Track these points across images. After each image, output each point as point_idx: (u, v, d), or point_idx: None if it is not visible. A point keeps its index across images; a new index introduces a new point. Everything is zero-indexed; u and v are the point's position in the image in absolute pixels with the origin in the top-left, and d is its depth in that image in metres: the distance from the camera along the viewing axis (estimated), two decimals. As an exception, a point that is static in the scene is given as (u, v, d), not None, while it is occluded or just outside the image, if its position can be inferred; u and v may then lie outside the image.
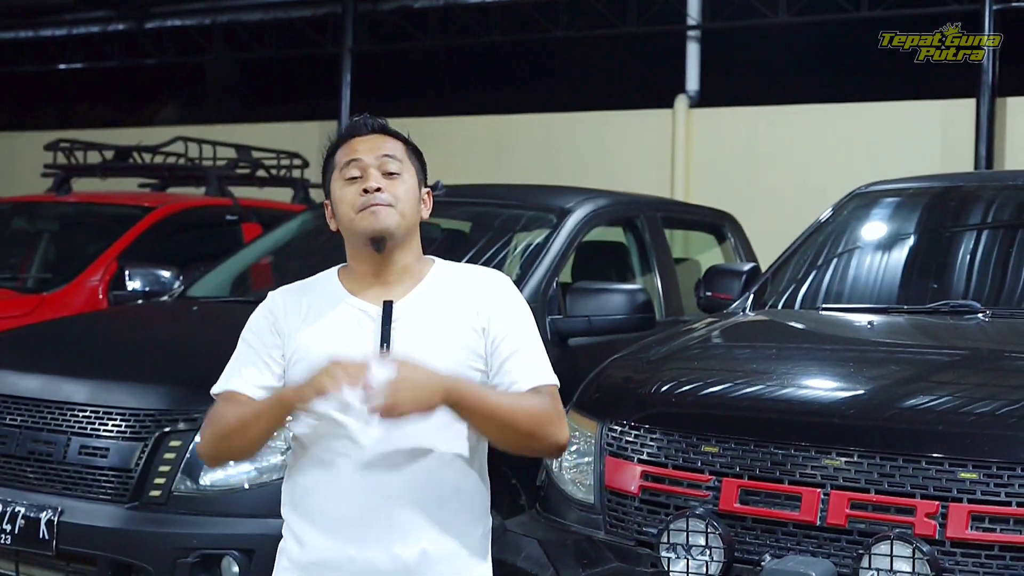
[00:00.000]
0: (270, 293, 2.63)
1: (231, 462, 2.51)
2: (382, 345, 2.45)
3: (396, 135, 2.59)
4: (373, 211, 2.47)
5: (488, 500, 2.62)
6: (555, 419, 2.50)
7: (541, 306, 4.88)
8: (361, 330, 2.49)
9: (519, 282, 4.78)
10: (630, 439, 3.48)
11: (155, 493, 3.96)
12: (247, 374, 2.53)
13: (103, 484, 4.04)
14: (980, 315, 4.08)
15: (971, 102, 9.01)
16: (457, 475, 2.51)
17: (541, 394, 2.50)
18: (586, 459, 3.61)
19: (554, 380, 2.55)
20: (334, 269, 2.64)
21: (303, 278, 2.66)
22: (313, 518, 2.50)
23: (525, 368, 2.50)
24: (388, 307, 2.49)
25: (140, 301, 5.83)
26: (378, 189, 2.48)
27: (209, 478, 3.96)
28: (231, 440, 2.49)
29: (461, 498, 2.52)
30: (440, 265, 2.63)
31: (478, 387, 2.46)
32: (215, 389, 2.56)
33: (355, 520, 2.45)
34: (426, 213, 2.61)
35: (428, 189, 2.63)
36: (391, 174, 2.51)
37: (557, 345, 4.85)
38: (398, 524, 2.45)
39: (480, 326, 2.51)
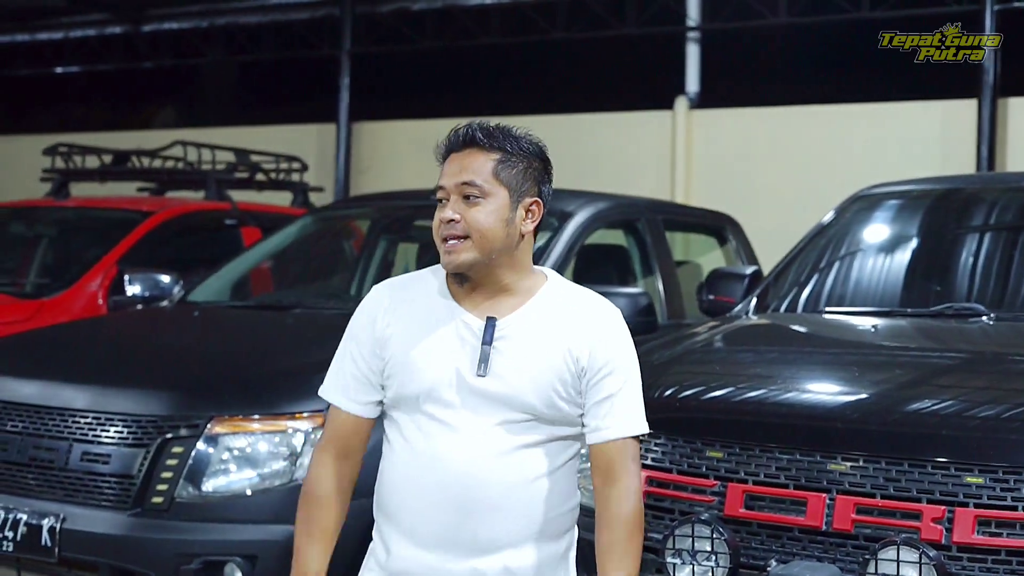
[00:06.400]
0: (375, 287, 2.59)
1: None
2: (480, 364, 2.44)
3: (492, 147, 2.50)
4: (448, 248, 2.44)
5: (576, 514, 2.60)
6: (628, 494, 2.51)
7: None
8: (461, 344, 2.46)
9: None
10: (634, 444, 3.46)
11: (157, 499, 3.94)
12: (352, 390, 2.53)
13: (105, 491, 4.02)
14: (984, 318, 4.07)
15: (972, 103, 9.00)
16: (544, 490, 2.49)
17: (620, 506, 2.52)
18: (590, 464, 3.58)
19: (642, 428, 2.53)
20: (441, 267, 2.56)
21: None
22: (400, 525, 2.49)
23: (617, 414, 2.49)
24: (491, 324, 2.46)
25: (140, 306, 5.82)
26: (452, 220, 2.43)
27: (212, 484, 3.95)
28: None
29: (547, 514, 2.50)
30: (554, 282, 2.56)
31: None
32: (322, 391, 2.58)
33: (439, 532, 2.44)
34: (530, 226, 2.50)
35: (535, 199, 2.51)
36: (469, 197, 2.45)
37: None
38: (482, 538, 2.44)
39: (575, 357, 2.46)
